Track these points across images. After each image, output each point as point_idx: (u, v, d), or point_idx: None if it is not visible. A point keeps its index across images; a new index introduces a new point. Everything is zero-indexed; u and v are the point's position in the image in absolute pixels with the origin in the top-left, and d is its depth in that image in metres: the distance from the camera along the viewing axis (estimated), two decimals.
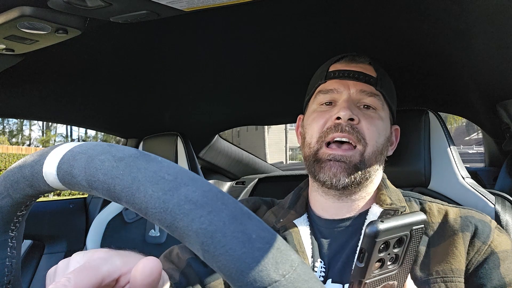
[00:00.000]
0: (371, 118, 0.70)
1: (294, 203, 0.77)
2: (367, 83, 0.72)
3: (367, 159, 0.69)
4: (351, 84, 0.72)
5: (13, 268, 0.38)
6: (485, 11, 0.65)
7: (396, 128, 0.80)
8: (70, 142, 0.34)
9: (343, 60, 0.76)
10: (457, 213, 0.67)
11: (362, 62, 0.75)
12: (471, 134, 9.63)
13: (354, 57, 0.76)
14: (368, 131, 0.69)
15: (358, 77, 0.72)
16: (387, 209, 0.67)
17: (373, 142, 0.69)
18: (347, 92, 0.71)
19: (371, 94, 0.72)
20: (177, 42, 0.90)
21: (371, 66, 0.75)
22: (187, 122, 1.59)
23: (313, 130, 0.72)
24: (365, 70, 0.74)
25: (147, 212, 0.27)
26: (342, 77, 0.73)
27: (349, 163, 0.67)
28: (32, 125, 27.57)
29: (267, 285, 0.24)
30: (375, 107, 0.72)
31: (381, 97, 0.73)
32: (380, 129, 0.71)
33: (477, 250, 0.61)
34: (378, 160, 0.71)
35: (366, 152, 0.69)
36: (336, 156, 0.67)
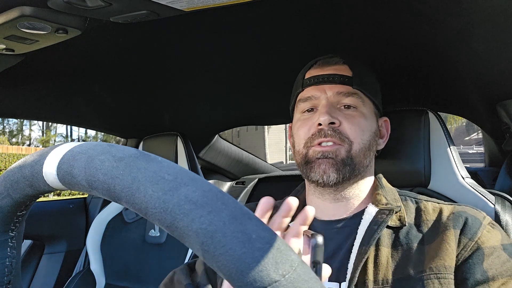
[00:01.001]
0: (352, 118, 0.71)
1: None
2: (342, 84, 0.73)
3: (354, 155, 0.70)
4: (327, 88, 0.73)
5: (13, 268, 0.38)
6: (485, 11, 0.65)
7: (385, 120, 0.80)
8: (70, 142, 0.34)
9: (317, 64, 0.77)
10: (451, 210, 0.67)
11: (336, 63, 0.75)
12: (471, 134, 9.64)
13: (327, 59, 0.76)
14: (350, 131, 0.70)
15: (333, 79, 0.73)
16: (383, 209, 0.68)
17: (358, 140, 0.71)
18: (325, 96, 0.72)
19: (349, 94, 0.72)
20: (177, 42, 0.90)
21: (345, 65, 0.75)
22: (187, 122, 1.59)
23: (299, 138, 0.74)
24: (339, 71, 0.74)
25: (147, 212, 0.27)
26: (317, 82, 0.74)
27: (336, 158, 0.69)
28: (32, 125, 27.59)
29: (267, 285, 0.24)
30: (355, 106, 0.73)
31: (360, 95, 0.73)
32: (363, 126, 0.72)
33: (463, 247, 0.62)
34: (367, 156, 0.72)
35: (353, 149, 0.70)
36: (324, 153, 0.69)
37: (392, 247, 0.65)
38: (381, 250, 0.64)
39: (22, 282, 0.41)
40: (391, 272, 0.62)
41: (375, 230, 0.65)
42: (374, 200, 0.71)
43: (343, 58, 0.76)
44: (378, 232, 0.64)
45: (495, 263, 0.60)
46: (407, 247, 0.64)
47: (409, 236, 0.65)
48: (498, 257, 0.60)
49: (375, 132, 0.75)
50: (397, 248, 0.65)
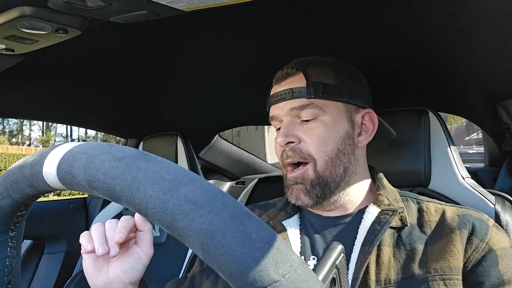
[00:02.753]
0: (311, 131, 0.69)
1: (286, 205, 0.78)
2: (295, 98, 0.70)
3: (322, 171, 0.69)
4: (283, 106, 0.72)
5: (13, 268, 0.38)
6: (485, 11, 0.65)
7: (367, 111, 0.74)
8: (70, 142, 0.34)
9: (275, 79, 0.76)
10: (455, 211, 0.67)
11: (290, 74, 0.72)
12: (471, 134, 9.64)
13: (283, 72, 0.74)
14: (311, 147, 0.69)
15: (287, 96, 0.71)
16: (385, 210, 0.68)
17: (321, 153, 0.69)
18: (283, 114, 0.72)
19: (303, 107, 0.69)
20: (177, 42, 0.90)
21: (300, 73, 0.72)
22: (187, 122, 1.59)
23: (278, 158, 0.75)
24: (293, 83, 0.71)
25: (147, 212, 0.27)
26: (276, 101, 0.73)
27: (304, 182, 0.69)
28: (32, 125, 27.60)
29: (267, 285, 0.24)
30: (314, 117, 0.70)
31: (317, 102, 0.70)
32: (324, 137, 0.69)
33: (475, 248, 0.61)
34: (337, 165, 0.70)
35: (318, 166, 0.69)
36: (293, 179, 0.71)
37: (395, 247, 0.65)
38: (383, 250, 0.64)
39: (22, 282, 0.41)
40: (393, 272, 0.62)
41: (378, 231, 0.64)
42: (375, 200, 0.71)
43: (299, 65, 0.72)
44: (382, 232, 0.64)
45: (510, 266, 0.60)
46: (410, 247, 0.64)
47: (412, 236, 0.65)
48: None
49: (345, 134, 0.71)
50: (399, 248, 0.64)
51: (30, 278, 1.56)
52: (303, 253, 0.69)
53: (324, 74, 0.72)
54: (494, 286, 0.58)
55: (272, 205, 0.83)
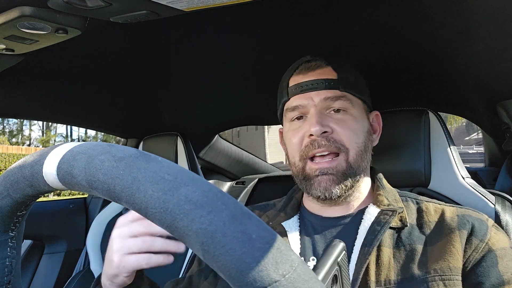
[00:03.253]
0: (343, 122, 0.69)
1: (285, 205, 0.78)
2: (328, 89, 0.70)
3: (353, 162, 0.69)
4: (313, 95, 0.70)
5: (13, 268, 0.38)
6: (485, 11, 0.65)
7: (375, 114, 0.78)
8: (70, 142, 0.34)
9: (299, 70, 0.73)
10: (454, 212, 0.67)
11: (319, 66, 0.72)
12: (471, 134, 9.63)
13: (310, 64, 0.73)
14: (344, 137, 0.68)
15: (318, 85, 0.70)
16: (385, 210, 0.68)
17: (354, 145, 0.69)
18: (312, 104, 0.70)
19: (336, 97, 0.69)
20: (177, 42, 0.90)
21: (329, 66, 0.72)
22: (187, 122, 1.59)
23: (293, 149, 0.72)
24: (323, 74, 0.71)
25: (147, 212, 0.27)
26: (303, 90, 0.71)
27: (337, 173, 0.68)
28: (32, 125, 27.61)
29: (267, 285, 0.24)
30: (345, 109, 0.70)
31: (348, 96, 0.71)
32: (356, 129, 0.70)
33: (474, 248, 0.61)
34: (364, 158, 0.71)
35: (350, 156, 0.68)
36: (322, 170, 0.68)
37: (394, 248, 0.65)
38: (383, 251, 0.64)
39: (22, 282, 0.41)
40: (393, 272, 0.62)
41: (378, 231, 0.64)
42: (375, 200, 0.71)
43: (325, 59, 0.73)
44: (382, 233, 0.64)
45: (510, 266, 0.60)
46: (410, 247, 0.64)
47: (412, 237, 0.65)
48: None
49: (368, 131, 0.73)
50: (399, 248, 0.64)
51: (30, 278, 1.56)
52: (303, 254, 0.69)
53: (349, 71, 0.73)
54: (493, 286, 0.58)
55: (271, 206, 0.83)
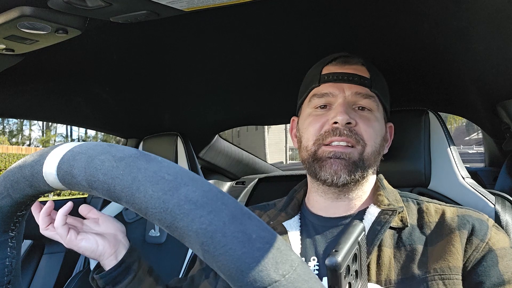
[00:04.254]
0: (367, 120, 0.71)
1: (286, 205, 0.78)
2: (361, 85, 0.71)
3: (366, 158, 0.69)
4: (346, 87, 0.71)
5: (13, 268, 0.38)
6: (485, 11, 0.65)
7: (390, 125, 0.80)
8: (70, 142, 0.34)
9: (336, 61, 0.75)
10: (454, 212, 0.67)
11: (355, 63, 0.74)
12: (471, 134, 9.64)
13: (347, 58, 0.75)
14: (365, 133, 0.69)
15: (353, 79, 0.72)
16: (385, 210, 0.68)
17: (372, 143, 0.70)
18: (343, 95, 0.71)
19: (366, 96, 0.71)
20: (177, 42, 0.90)
21: (364, 66, 0.74)
22: (187, 122, 1.59)
23: (309, 134, 0.72)
24: (358, 71, 0.73)
25: (147, 212, 0.27)
26: (337, 80, 0.72)
27: (348, 160, 0.68)
28: (32, 125, 27.61)
29: (267, 285, 0.24)
30: (370, 109, 0.72)
31: (375, 98, 0.73)
32: (377, 130, 0.71)
33: (475, 248, 0.61)
34: (376, 159, 0.72)
35: (366, 151, 0.69)
36: (336, 153, 0.68)
37: (395, 248, 0.65)
38: (383, 251, 0.64)
39: (22, 282, 0.41)
40: (394, 272, 0.62)
41: (378, 231, 0.64)
42: (376, 200, 0.71)
43: (361, 58, 0.75)
44: (382, 233, 0.64)
45: (510, 265, 0.60)
46: (410, 248, 0.64)
47: (412, 237, 0.65)
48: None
49: (384, 137, 0.74)
50: (400, 248, 0.64)
51: (30, 278, 1.56)
52: (304, 254, 0.69)
53: (380, 76, 0.76)
54: (494, 285, 0.58)
55: (272, 206, 0.83)
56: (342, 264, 0.39)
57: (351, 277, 0.43)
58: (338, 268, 0.39)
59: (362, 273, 0.46)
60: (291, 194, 0.81)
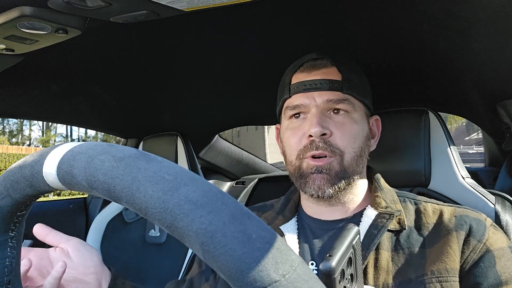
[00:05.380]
0: (343, 126, 0.69)
1: (283, 208, 0.77)
2: (332, 90, 0.69)
3: (347, 166, 0.68)
4: (316, 95, 0.69)
5: (13, 268, 0.38)
6: (485, 11, 0.65)
7: (375, 119, 0.77)
8: (70, 142, 0.34)
9: (304, 67, 0.72)
10: (452, 212, 0.67)
11: (324, 66, 0.71)
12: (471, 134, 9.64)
13: (315, 62, 0.71)
14: (341, 141, 0.68)
15: (322, 86, 0.69)
16: (382, 213, 0.67)
17: (349, 150, 0.68)
18: (314, 104, 0.69)
19: (339, 100, 0.69)
20: (177, 42, 0.90)
21: (333, 67, 0.71)
22: (187, 122, 1.59)
23: (291, 148, 0.71)
24: (328, 75, 0.70)
25: (147, 212, 0.27)
26: (306, 89, 0.69)
27: (330, 173, 0.67)
28: (32, 125, 27.62)
29: (267, 285, 0.24)
30: (346, 110, 0.70)
31: (350, 99, 0.70)
32: (354, 133, 0.69)
33: (472, 249, 0.61)
34: (359, 163, 0.70)
35: (345, 160, 0.68)
36: (318, 167, 0.67)
37: (393, 251, 0.64)
38: (381, 254, 0.63)
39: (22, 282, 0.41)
40: (391, 276, 0.62)
41: (375, 235, 0.64)
42: (373, 202, 0.70)
43: (331, 58, 0.71)
44: (378, 237, 0.64)
45: (508, 266, 0.59)
46: (408, 251, 0.64)
47: (410, 240, 0.65)
48: (510, 260, 0.60)
49: (366, 135, 0.72)
50: (398, 252, 0.64)
51: None
52: (302, 257, 0.69)
53: (354, 73, 0.72)
54: (491, 286, 0.58)
55: (269, 207, 0.82)
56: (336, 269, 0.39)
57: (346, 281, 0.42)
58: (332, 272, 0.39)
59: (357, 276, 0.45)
60: (288, 195, 0.80)
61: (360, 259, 0.46)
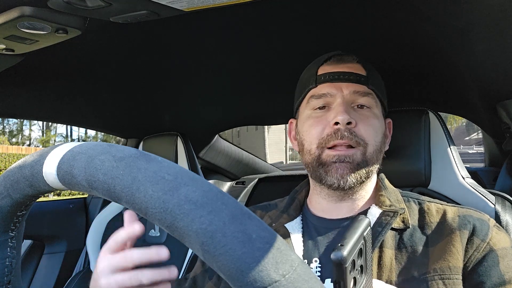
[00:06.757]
0: (367, 119, 0.70)
1: (288, 206, 0.78)
2: (359, 83, 0.71)
3: (369, 158, 0.69)
4: (343, 86, 0.71)
5: (13, 268, 0.38)
6: (485, 11, 0.65)
7: (389, 121, 0.79)
8: (70, 142, 0.34)
9: (331, 61, 0.74)
10: (456, 212, 0.67)
11: (350, 61, 0.73)
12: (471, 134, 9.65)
13: (342, 56, 0.74)
14: (366, 133, 0.69)
15: (350, 78, 0.71)
16: (387, 211, 0.68)
17: (372, 142, 0.70)
18: (341, 94, 0.70)
19: (364, 93, 0.71)
20: (177, 42, 0.90)
21: (359, 64, 0.74)
22: (187, 122, 1.59)
23: (311, 137, 0.71)
24: (355, 69, 0.72)
25: (147, 212, 0.27)
26: (333, 79, 0.71)
27: (353, 162, 0.68)
28: (32, 125, 27.64)
29: (267, 285, 0.24)
30: (369, 106, 0.71)
31: (373, 95, 0.72)
32: (376, 128, 0.71)
33: (476, 248, 0.61)
34: (378, 158, 0.72)
35: (368, 151, 0.69)
36: (340, 157, 0.67)
37: (396, 249, 0.64)
38: (384, 252, 0.64)
39: (22, 282, 0.41)
40: (395, 274, 0.62)
41: (379, 232, 0.64)
42: (377, 201, 0.70)
43: (356, 55, 0.75)
44: (383, 234, 0.64)
45: (511, 266, 0.60)
46: (412, 249, 0.64)
47: (413, 239, 0.65)
48: None
49: (384, 133, 0.74)
50: (401, 250, 0.64)
51: (30, 278, 1.56)
52: (307, 255, 0.69)
53: (376, 72, 0.75)
54: (495, 285, 0.58)
55: (273, 206, 0.82)
56: (348, 258, 0.39)
57: (356, 272, 0.42)
58: (344, 262, 0.39)
59: (367, 268, 0.45)
60: (292, 195, 0.81)
61: (370, 251, 0.46)
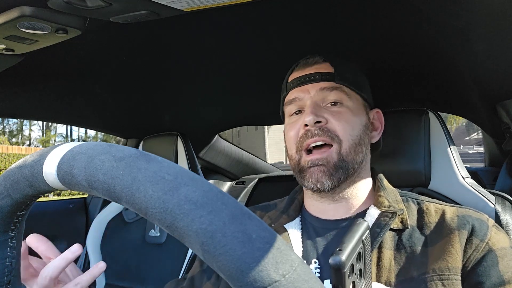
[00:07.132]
0: (339, 114, 0.71)
1: (287, 207, 0.78)
2: (324, 81, 0.72)
3: (346, 154, 0.69)
4: (309, 87, 0.72)
5: (13, 268, 0.38)
6: (485, 11, 0.65)
7: (376, 111, 0.79)
8: (70, 142, 0.34)
9: (298, 67, 0.77)
10: (454, 212, 0.67)
11: (316, 62, 0.75)
12: (471, 134, 9.65)
13: (307, 60, 0.76)
14: (338, 127, 0.69)
15: (315, 78, 0.73)
16: (385, 212, 0.67)
17: (347, 137, 0.70)
18: (309, 96, 0.72)
19: (332, 88, 0.71)
20: (177, 42, 0.90)
21: (326, 62, 0.75)
22: (187, 122, 1.59)
23: (291, 142, 0.73)
24: (320, 69, 0.74)
25: (147, 212, 0.27)
26: (300, 83, 0.74)
27: (327, 165, 0.68)
28: (32, 125, 27.64)
29: (267, 285, 0.24)
30: (340, 101, 0.72)
31: (343, 88, 0.72)
32: (351, 121, 0.71)
33: (475, 248, 0.61)
34: (359, 151, 0.71)
35: (343, 148, 0.69)
36: (313, 161, 0.68)
37: (395, 250, 0.64)
38: (383, 253, 0.64)
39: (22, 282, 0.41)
40: (394, 274, 0.62)
41: (378, 233, 0.64)
42: (376, 202, 0.70)
43: (323, 55, 0.76)
44: (381, 235, 0.64)
45: (510, 265, 0.60)
46: (411, 250, 0.64)
47: (412, 239, 0.65)
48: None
49: (365, 125, 0.74)
50: (400, 250, 0.64)
51: None
52: (306, 256, 0.69)
53: (347, 67, 0.75)
54: (494, 285, 0.58)
55: (273, 206, 0.82)
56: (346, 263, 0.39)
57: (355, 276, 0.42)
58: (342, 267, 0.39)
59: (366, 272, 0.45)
60: (292, 195, 0.81)
61: (369, 255, 0.46)
